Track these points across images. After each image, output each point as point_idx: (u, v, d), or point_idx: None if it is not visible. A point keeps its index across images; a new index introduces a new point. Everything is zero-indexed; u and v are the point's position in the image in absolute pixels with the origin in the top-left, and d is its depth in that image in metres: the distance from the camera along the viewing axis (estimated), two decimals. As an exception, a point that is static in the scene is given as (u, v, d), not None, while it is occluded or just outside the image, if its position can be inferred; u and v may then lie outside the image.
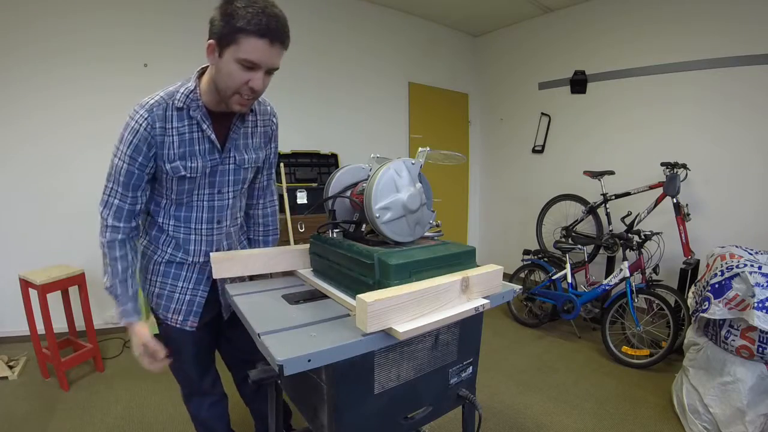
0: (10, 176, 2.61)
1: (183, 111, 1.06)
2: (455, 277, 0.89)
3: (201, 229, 1.17)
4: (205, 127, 1.07)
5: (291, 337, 0.80)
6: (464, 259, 0.98)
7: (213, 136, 1.08)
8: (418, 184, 1.00)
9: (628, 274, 2.63)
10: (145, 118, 1.03)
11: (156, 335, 1.14)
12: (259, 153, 1.22)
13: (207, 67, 1.09)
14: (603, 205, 3.25)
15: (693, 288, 2.10)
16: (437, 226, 1.11)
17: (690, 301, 2.07)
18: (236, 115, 1.12)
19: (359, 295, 0.76)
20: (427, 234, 1.10)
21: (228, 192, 1.17)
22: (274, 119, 1.26)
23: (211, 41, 0.99)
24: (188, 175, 1.08)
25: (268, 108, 1.24)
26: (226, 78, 0.99)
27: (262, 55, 0.95)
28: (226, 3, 0.92)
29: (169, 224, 1.17)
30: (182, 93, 1.07)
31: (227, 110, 1.06)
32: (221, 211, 1.18)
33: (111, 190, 1.08)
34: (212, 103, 1.07)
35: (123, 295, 1.10)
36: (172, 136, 1.05)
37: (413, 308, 0.80)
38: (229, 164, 1.14)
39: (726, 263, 1.82)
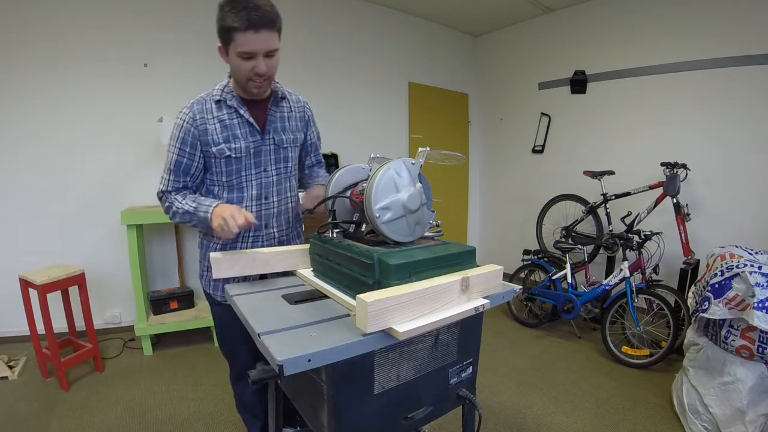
0: (10, 176, 2.61)
1: (221, 102, 1.24)
2: (455, 277, 0.89)
3: (251, 206, 1.30)
4: (242, 112, 1.24)
5: (291, 337, 0.80)
6: (464, 259, 0.98)
7: (251, 119, 1.25)
8: (418, 184, 1.00)
9: (628, 274, 2.63)
10: (187, 114, 1.23)
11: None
12: (296, 134, 1.38)
13: None
14: (603, 205, 3.25)
15: (693, 288, 2.10)
16: (437, 226, 1.11)
17: (690, 301, 2.07)
18: (270, 101, 1.29)
19: (359, 295, 0.76)
20: (427, 234, 1.10)
21: (272, 170, 1.32)
22: (307, 106, 1.45)
23: (219, 45, 1.15)
24: (234, 155, 1.24)
25: (300, 97, 1.44)
26: (237, 71, 1.16)
27: (254, 44, 1.08)
28: (218, 10, 1.09)
29: None
30: (218, 89, 1.26)
31: (257, 98, 1.25)
32: (267, 188, 1.32)
33: (166, 180, 1.29)
34: (243, 93, 1.25)
35: (199, 207, 1.20)
36: (214, 123, 1.23)
37: (413, 308, 0.80)
38: (270, 144, 1.30)
39: (726, 263, 1.81)
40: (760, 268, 1.68)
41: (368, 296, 0.75)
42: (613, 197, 3.18)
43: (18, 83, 2.57)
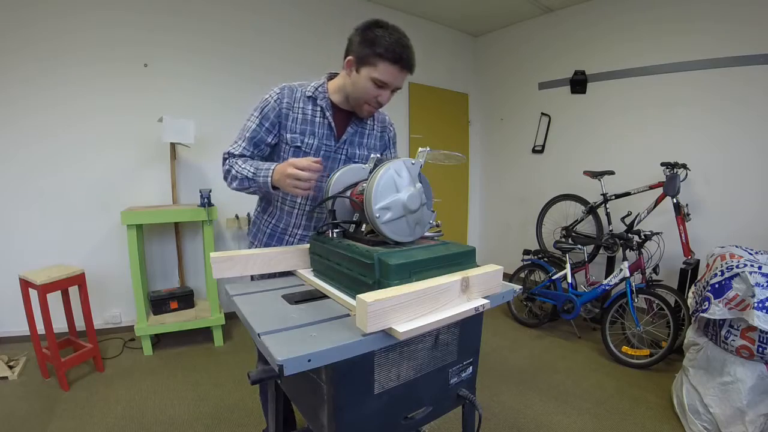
0: (10, 176, 2.61)
1: (310, 99, 1.29)
2: (455, 277, 0.88)
3: (305, 204, 1.33)
4: (328, 114, 1.29)
5: (291, 337, 0.80)
6: (464, 259, 0.98)
7: (333, 123, 1.29)
8: (418, 184, 1.00)
9: (628, 274, 2.63)
10: (277, 93, 1.31)
11: None
12: (372, 153, 1.34)
13: (335, 73, 1.34)
14: (603, 205, 3.25)
15: (693, 288, 2.10)
16: (437, 226, 1.11)
17: (690, 301, 2.07)
18: (354, 114, 1.33)
19: (359, 296, 0.75)
20: (427, 234, 1.09)
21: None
22: (391, 127, 1.46)
23: (350, 58, 1.21)
24: (303, 148, 1.29)
25: (386, 117, 1.46)
26: (361, 91, 1.22)
27: (393, 78, 1.20)
28: (367, 28, 1.19)
29: (278, 195, 1.34)
30: (312, 86, 1.31)
31: (349, 109, 1.30)
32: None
33: (236, 144, 1.31)
34: (338, 100, 1.30)
35: (258, 172, 1.20)
36: (297, 113, 1.29)
37: (413, 308, 0.80)
38: (341, 155, 1.34)
39: (726, 263, 1.82)
40: (760, 268, 1.69)
41: (368, 296, 0.75)
42: (613, 197, 3.18)
43: (18, 83, 2.57)
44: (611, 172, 3.26)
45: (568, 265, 2.96)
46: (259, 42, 3.32)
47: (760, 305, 1.57)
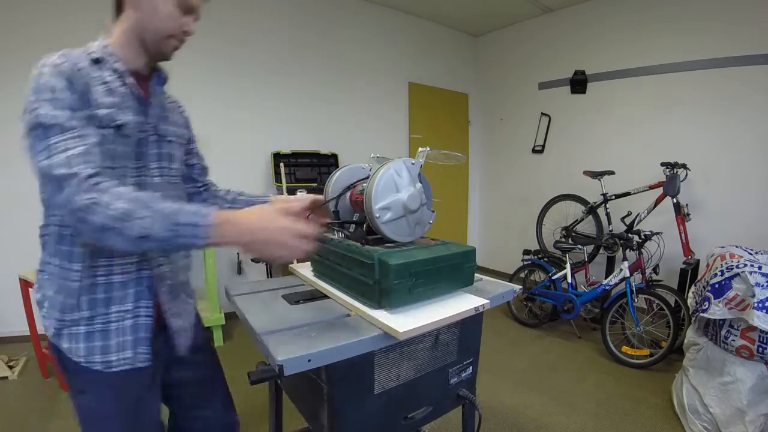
0: (10, 176, 2.61)
1: (102, 62, 0.85)
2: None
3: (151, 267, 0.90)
4: (128, 80, 0.87)
5: (291, 337, 0.80)
6: (464, 259, 0.98)
7: (139, 92, 0.89)
8: (418, 184, 1.00)
9: (628, 274, 2.62)
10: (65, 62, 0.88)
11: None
12: (181, 129, 1.06)
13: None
14: (603, 205, 3.25)
15: (693, 288, 2.10)
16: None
17: (690, 301, 2.07)
18: (153, 77, 0.93)
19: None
20: (426, 235, 1.10)
21: (154, 168, 0.93)
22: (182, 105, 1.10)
23: None
24: (124, 131, 0.87)
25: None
26: (163, 21, 0.86)
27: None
28: None
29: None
30: (97, 45, 0.87)
31: (143, 71, 0.91)
32: (152, 191, 0.90)
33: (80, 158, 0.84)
34: (130, 59, 0.89)
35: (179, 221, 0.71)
36: (97, 85, 0.86)
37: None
38: (151, 133, 0.92)
39: (726, 263, 1.81)
40: (760, 268, 1.68)
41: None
42: (613, 197, 3.18)
43: (17, 84, 2.56)
44: (611, 172, 3.26)
45: (568, 265, 2.96)
46: (259, 41, 3.32)
47: (760, 305, 1.57)
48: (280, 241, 0.74)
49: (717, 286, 1.78)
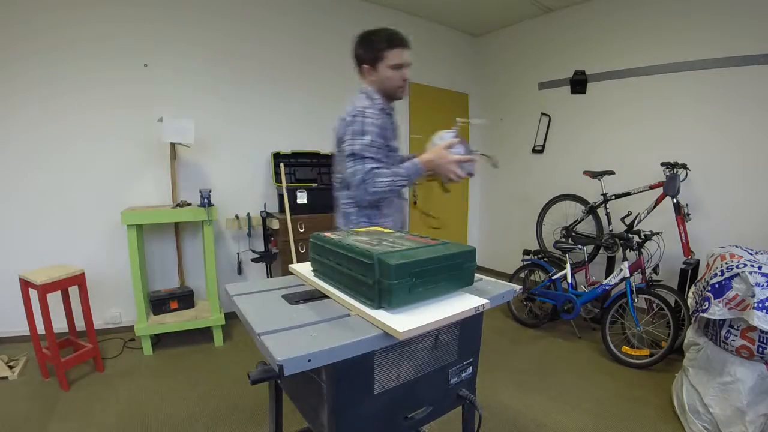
0: (10, 176, 2.61)
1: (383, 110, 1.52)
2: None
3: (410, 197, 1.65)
4: (394, 117, 1.62)
5: (291, 337, 0.80)
6: (464, 259, 0.98)
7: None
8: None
9: (628, 274, 2.63)
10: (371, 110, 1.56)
11: None
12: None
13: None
14: (603, 205, 3.25)
15: (693, 288, 2.10)
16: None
17: (690, 301, 2.07)
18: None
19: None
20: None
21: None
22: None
23: (365, 66, 1.54)
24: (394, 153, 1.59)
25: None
26: (390, 81, 1.50)
27: (401, 57, 1.49)
28: (362, 40, 1.55)
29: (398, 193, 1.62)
30: (373, 100, 1.52)
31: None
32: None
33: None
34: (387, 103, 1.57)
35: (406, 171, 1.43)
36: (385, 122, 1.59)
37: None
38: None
39: (726, 263, 1.81)
40: (760, 268, 1.68)
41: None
42: (613, 197, 3.18)
43: (18, 85, 2.57)
44: (611, 172, 3.26)
45: (568, 265, 2.96)
46: (259, 41, 3.32)
47: (760, 305, 1.57)
48: (447, 165, 1.42)
49: (717, 286, 1.78)
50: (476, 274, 1.20)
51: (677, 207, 2.78)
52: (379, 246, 0.96)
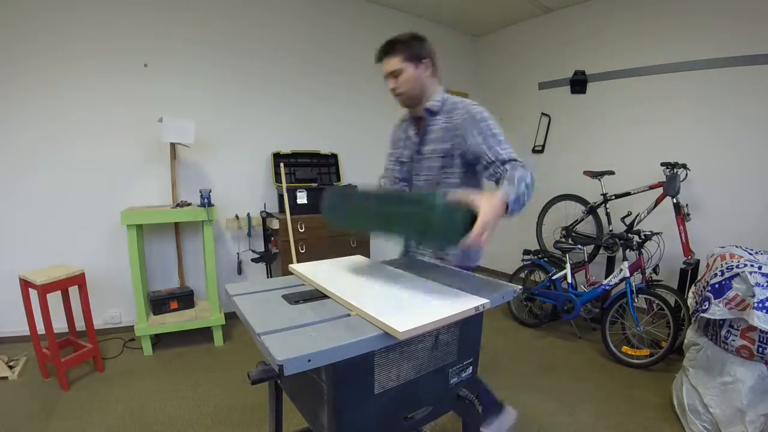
0: (10, 176, 2.61)
1: (405, 121, 1.63)
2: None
3: None
4: (409, 127, 1.58)
5: (291, 337, 0.80)
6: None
7: (411, 132, 1.56)
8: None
9: (628, 274, 2.63)
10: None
11: None
12: (440, 145, 1.45)
13: None
14: (603, 205, 3.25)
15: (693, 288, 2.10)
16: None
17: (690, 301, 2.07)
18: (425, 117, 1.51)
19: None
20: None
21: (421, 176, 1.51)
22: (460, 112, 1.46)
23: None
24: (402, 159, 1.57)
25: (459, 106, 1.47)
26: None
27: (385, 69, 1.47)
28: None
29: None
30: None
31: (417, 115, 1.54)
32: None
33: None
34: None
35: None
36: (397, 136, 1.69)
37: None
38: (422, 154, 1.50)
39: (726, 263, 1.81)
40: (760, 268, 1.68)
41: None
42: (613, 197, 3.18)
43: (18, 84, 2.57)
44: (611, 172, 3.26)
45: (568, 265, 2.96)
46: (259, 41, 3.32)
47: (760, 305, 1.57)
48: (491, 230, 1.12)
49: (717, 286, 1.78)
50: (476, 274, 1.20)
51: (677, 207, 2.78)
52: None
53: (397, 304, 0.94)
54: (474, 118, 1.41)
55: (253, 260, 3.21)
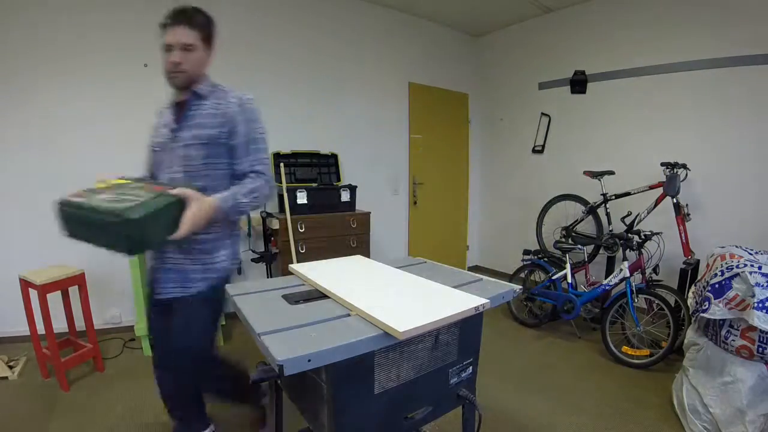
0: (10, 176, 2.61)
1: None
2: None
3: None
4: (167, 109, 1.46)
5: (291, 337, 0.80)
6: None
7: (170, 116, 1.42)
8: None
9: (628, 274, 2.63)
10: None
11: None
12: (205, 131, 1.32)
13: None
14: (603, 205, 3.25)
15: (693, 288, 2.10)
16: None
17: (690, 301, 2.07)
18: (189, 99, 1.37)
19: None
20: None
21: (178, 168, 1.36)
22: (234, 102, 1.37)
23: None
24: (154, 148, 1.48)
25: (235, 93, 1.40)
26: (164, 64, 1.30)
27: (170, 38, 1.28)
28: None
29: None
30: None
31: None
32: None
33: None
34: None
35: None
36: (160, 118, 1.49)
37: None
38: (179, 142, 1.36)
39: (726, 263, 1.81)
40: (760, 268, 1.68)
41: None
42: (613, 197, 3.18)
43: (18, 84, 2.57)
44: (611, 172, 3.26)
45: (568, 265, 2.96)
46: (258, 41, 3.32)
47: (760, 305, 1.57)
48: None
49: (717, 286, 1.78)
50: (476, 274, 1.21)
51: (677, 207, 2.78)
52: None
53: (397, 304, 0.94)
54: (245, 115, 1.35)
55: (253, 260, 3.20)
